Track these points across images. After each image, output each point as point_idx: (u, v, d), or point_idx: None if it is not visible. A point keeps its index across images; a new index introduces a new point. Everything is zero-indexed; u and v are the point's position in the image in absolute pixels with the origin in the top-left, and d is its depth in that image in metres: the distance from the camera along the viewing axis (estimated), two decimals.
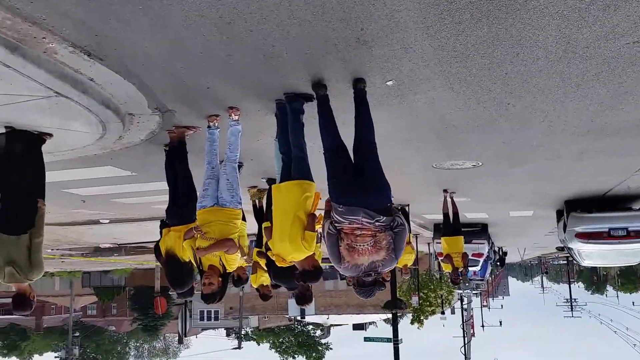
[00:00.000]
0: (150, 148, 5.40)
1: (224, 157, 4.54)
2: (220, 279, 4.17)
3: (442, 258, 8.10)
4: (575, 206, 9.27)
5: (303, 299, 4.63)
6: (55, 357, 47.22)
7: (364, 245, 3.29)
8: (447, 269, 8.08)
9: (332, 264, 3.47)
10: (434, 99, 4.23)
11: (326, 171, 3.60)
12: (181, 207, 4.67)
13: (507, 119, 4.72)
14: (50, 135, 4.52)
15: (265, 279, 6.09)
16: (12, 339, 49.77)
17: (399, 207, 10.38)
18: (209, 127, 4.52)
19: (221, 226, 4.23)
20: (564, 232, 9.73)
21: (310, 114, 4.02)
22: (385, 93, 4.06)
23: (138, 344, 53.14)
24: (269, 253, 4.25)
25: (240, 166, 5.02)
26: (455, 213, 8.31)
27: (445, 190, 8.34)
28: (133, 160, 5.96)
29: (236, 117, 4.48)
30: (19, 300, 3.91)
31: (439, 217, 10.78)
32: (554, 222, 15.35)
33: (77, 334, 44.02)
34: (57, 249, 18.09)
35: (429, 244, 19.37)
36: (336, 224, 3.39)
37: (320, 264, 4.12)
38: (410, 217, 10.44)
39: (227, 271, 4.26)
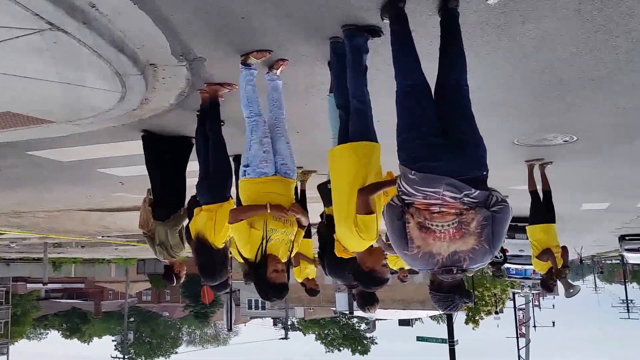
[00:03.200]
0: (183, 116, 4.44)
1: (269, 120, 3.49)
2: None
3: (537, 255, 5.80)
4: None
5: (366, 301, 3.49)
6: (113, 340, 48.15)
7: (443, 226, 2.17)
8: (542, 269, 5.86)
9: (395, 249, 2.32)
10: (548, 33, 3.03)
11: (397, 121, 2.44)
12: (213, 182, 3.68)
13: (636, 66, 3.47)
14: None
15: (310, 271, 5.11)
16: (74, 322, 51.15)
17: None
18: (249, 66, 3.35)
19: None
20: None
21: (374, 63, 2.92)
22: (481, 20, 2.90)
23: (190, 330, 53.55)
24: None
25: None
26: (548, 192, 6.29)
27: (532, 161, 6.34)
28: (166, 132, 5.02)
29: (279, 71, 3.45)
30: (166, 272, 4.48)
31: None
32: (629, 216, 13.74)
33: (132, 319, 44.72)
34: (108, 236, 17.72)
35: None
36: (404, 197, 2.28)
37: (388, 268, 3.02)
38: None
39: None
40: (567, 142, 5.39)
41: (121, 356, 34.02)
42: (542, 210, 6.18)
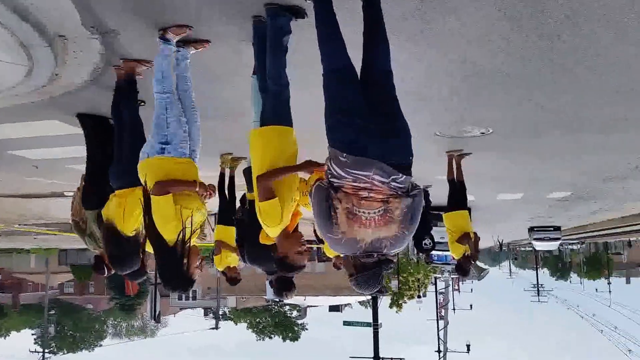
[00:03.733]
0: (98, 95, 4.17)
1: (185, 101, 3.31)
2: None
3: (457, 239, 5.92)
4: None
5: (282, 287, 3.39)
6: (33, 334, 45.53)
7: (370, 214, 2.17)
8: (459, 254, 6.03)
9: (319, 231, 2.30)
10: (467, 27, 3.08)
11: (325, 104, 2.39)
12: (126, 165, 3.44)
13: (548, 62, 3.60)
14: None
15: (231, 259, 4.98)
16: None
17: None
18: (168, 41, 3.13)
19: None
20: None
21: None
22: (404, 11, 2.90)
23: (116, 322, 51.62)
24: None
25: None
26: (462, 182, 6.55)
27: (452, 152, 6.55)
28: (80, 112, 4.71)
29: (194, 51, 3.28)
30: (96, 263, 4.05)
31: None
32: (541, 206, 14.58)
33: (53, 311, 42.48)
34: (25, 224, 16.64)
35: None
36: (333, 180, 2.24)
37: (305, 250, 2.91)
38: None
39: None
40: (484, 134, 5.57)
41: (41, 350, 32.22)
42: (459, 197, 6.37)
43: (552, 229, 20.68)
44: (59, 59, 3.49)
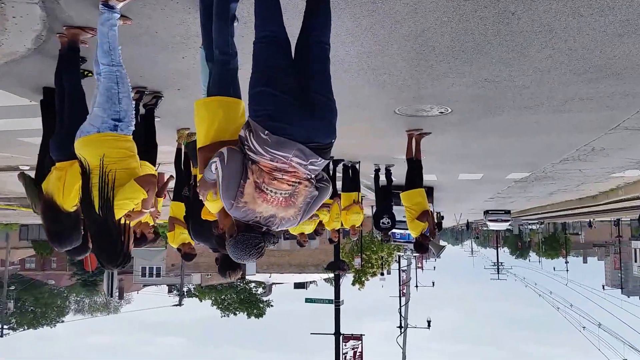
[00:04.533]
0: (43, 64, 3.97)
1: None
2: None
3: (417, 216, 6.05)
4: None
5: (226, 266, 3.31)
6: None
7: (276, 193, 2.17)
8: (417, 232, 6.13)
9: (221, 194, 2.25)
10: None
11: (251, 74, 2.28)
12: (66, 136, 3.28)
13: (502, 40, 3.59)
14: None
15: (186, 236, 4.89)
16: None
17: (349, 164, 9.25)
18: (112, 8, 2.98)
19: None
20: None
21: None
22: None
23: (79, 299, 50.85)
24: None
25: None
26: (419, 160, 6.52)
27: (412, 131, 6.49)
28: (26, 82, 4.50)
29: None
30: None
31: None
32: (500, 186, 14.88)
33: (13, 287, 41.45)
34: None
35: (372, 206, 18.57)
36: (250, 154, 2.18)
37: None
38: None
39: None
40: (443, 113, 5.58)
41: (0, 326, 31.49)
42: (416, 176, 6.42)
43: (503, 212, 24.60)
44: None
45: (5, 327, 32.51)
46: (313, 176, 2.22)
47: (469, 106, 5.29)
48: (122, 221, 2.79)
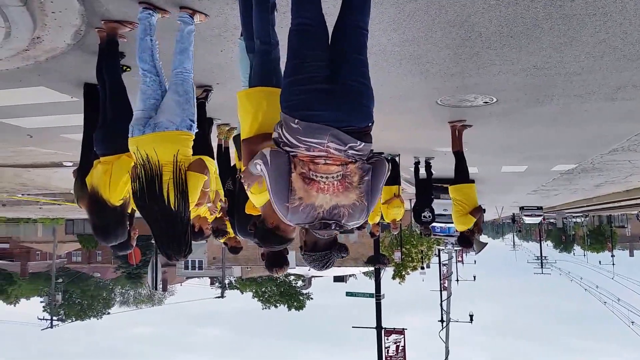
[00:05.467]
0: (83, 59, 3.99)
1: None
2: None
3: (470, 211, 5.79)
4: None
5: (273, 262, 3.23)
6: (41, 301, 46.29)
7: (328, 178, 2.01)
8: (466, 227, 5.88)
9: (273, 200, 2.10)
10: None
11: (286, 63, 2.18)
12: (110, 130, 3.29)
13: (553, 24, 3.38)
14: None
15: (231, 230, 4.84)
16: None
17: (389, 158, 9.07)
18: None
19: None
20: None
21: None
22: None
23: (124, 291, 52.33)
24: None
25: None
26: (461, 152, 6.28)
27: (454, 122, 6.24)
28: (67, 78, 4.54)
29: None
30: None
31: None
32: (544, 179, 14.38)
33: (60, 280, 43.02)
34: (28, 194, 16.64)
35: (410, 200, 18.31)
36: (286, 149, 2.08)
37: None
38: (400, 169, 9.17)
39: None
40: (487, 103, 5.36)
41: (49, 317, 32.75)
42: (467, 169, 6.22)
43: (536, 208, 30.30)
44: (37, 21, 3.30)
45: (54, 318, 33.76)
46: (360, 159, 2.05)
47: (515, 95, 5.05)
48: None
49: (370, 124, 2.10)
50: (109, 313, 46.88)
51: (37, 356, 70.33)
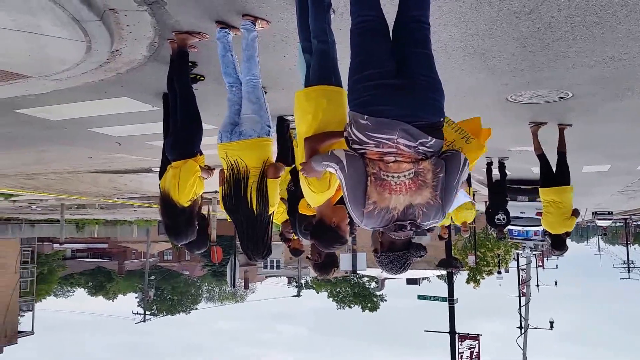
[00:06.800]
0: (160, 70, 4.14)
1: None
2: None
3: (573, 213, 5.58)
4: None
5: (327, 264, 3.14)
6: (136, 297, 49.22)
7: (399, 178, 1.90)
8: (562, 230, 5.60)
9: (349, 205, 2.01)
10: None
11: (350, 62, 2.10)
12: (179, 136, 3.41)
13: (629, 11, 3.06)
14: None
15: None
16: (99, 281, 52.27)
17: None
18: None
19: None
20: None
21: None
22: None
23: (209, 288, 54.45)
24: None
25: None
26: (563, 153, 5.90)
27: (533, 124, 5.97)
28: (148, 89, 4.74)
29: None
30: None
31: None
32: (630, 178, 13.26)
33: (153, 277, 45.46)
34: (123, 198, 17.69)
35: (485, 202, 17.52)
36: (355, 147, 1.99)
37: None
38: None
39: None
40: (563, 98, 4.99)
41: (142, 312, 34.67)
42: (557, 171, 5.90)
43: (607, 213, 30.93)
44: (115, 34, 3.46)
45: (147, 313, 35.68)
46: (432, 156, 1.94)
47: (592, 89, 4.66)
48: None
49: (441, 119, 2.00)
50: (196, 308, 48.96)
51: (131, 347, 75.01)
